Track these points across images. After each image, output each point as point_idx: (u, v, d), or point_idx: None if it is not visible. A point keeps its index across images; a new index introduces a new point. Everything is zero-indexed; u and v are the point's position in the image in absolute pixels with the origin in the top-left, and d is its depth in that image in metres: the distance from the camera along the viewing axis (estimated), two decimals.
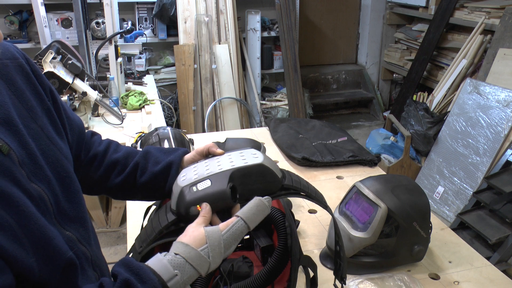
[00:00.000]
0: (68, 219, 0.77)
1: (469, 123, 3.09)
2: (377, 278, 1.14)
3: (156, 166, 0.95)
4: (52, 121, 0.81)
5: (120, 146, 1.02)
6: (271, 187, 0.81)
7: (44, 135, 0.77)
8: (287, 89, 4.22)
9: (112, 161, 0.98)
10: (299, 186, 0.85)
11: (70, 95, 2.41)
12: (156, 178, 0.94)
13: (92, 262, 0.81)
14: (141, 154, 0.98)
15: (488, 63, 3.21)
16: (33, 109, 0.77)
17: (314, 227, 1.40)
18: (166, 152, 0.98)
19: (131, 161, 0.97)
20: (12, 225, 0.63)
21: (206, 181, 0.76)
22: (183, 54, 3.87)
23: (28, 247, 0.65)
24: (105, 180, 0.98)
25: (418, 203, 1.19)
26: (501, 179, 2.59)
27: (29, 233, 0.65)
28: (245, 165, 0.79)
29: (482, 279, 1.18)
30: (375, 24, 4.98)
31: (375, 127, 4.61)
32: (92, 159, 0.98)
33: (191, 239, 0.73)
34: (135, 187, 0.97)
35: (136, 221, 1.42)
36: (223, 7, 3.96)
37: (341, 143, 1.94)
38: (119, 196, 1.03)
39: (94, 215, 2.85)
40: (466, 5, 3.68)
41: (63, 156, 0.80)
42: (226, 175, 0.77)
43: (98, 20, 3.70)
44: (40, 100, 0.80)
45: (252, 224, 0.76)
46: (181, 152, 0.97)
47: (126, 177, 0.96)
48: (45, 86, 0.82)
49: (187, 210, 0.76)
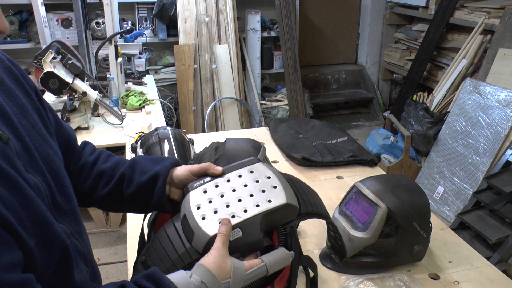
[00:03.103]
0: (62, 212, 0.77)
1: (469, 123, 3.09)
2: (377, 278, 1.14)
3: (142, 176, 0.91)
4: (42, 119, 0.82)
5: (111, 157, 0.99)
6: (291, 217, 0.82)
7: (35, 132, 0.78)
8: (287, 89, 4.22)
9: (99, 172, 0.95)
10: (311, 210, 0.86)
11: (70, 95, 2.41)
12: (142, 189, 0.91)
13: (84, 257, 0.81)
14: (128, 165, 0.95)
15: (488, 63, 3.21)
16: (24, 107, 0.78)
17: (314, 227, 1.41)
18: (153, 161, 0.94)
19: (118, 172, 0.94)
20: (17, 207, 0.64)
21: (236, 230, 0.76)
22: (183, 54, 3.87)
23: (30, 230, 0.65)
24: (93, 192, 0.95)
25: (418, 203, 1.19)
26: (501, 179, 2.59)
27: (31, 216, 0.66)
28: (272, 208, 0.79)
29: (482, 279, 1.18)
30: (375, 24, 4.98)
31: (375, 127, 4.61)
32: (81, 170, 0.96)
33: (218, 269, 0.73)
34: (122, 199, 0.94)
35: (136, 221, 1.42)
36: (223, 7, 3.96)
37: (341, 143, 1.94)
38: (110, 208, 1.00)
39: (94, 215, 2.85)
40: (466, 5, 3.68)
41: (53, 152, 0.81)
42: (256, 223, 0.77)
43: (98, 20, 3.70)
44: (30, 98, 0.81)
45: (271, 271, 0.78)
46: (168, 164, 0.92)
47: (112, 188, 0.93)
48: (32, 88, 0.84)
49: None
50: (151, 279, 0.71)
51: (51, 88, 2.25)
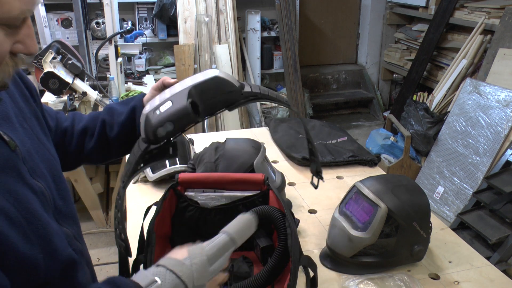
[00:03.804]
0: (64, 215, 0.78)
1: (469, 123, 3.09)
2: (377, 278, 1.14)
3: (121, 116, 1.00)
4: (39, 122, 0.83)
5: (83, 115, 1.07)
6: (232, 97, 0.83)
7: (34, 135, 0.78)
8: (287, 89, 4.22)
9: (81, 129, 1.02)
10: (258, 91, 0.86)
11: (70, 95, 2.41)
12: (125, 126, 1.00)
13: (85, 258, 0.82)
14: (105, 112, 1.03)
15: (488, 63, 3.21)
16: (23, 110, 0.79)
17: (314, 227, 1.40)
18: (126, 103, 1.03)
19: (98, 122, 1.02)
20: (21, 221, 0.64)
21: (167, 103, 0.78)
22: (183, 54, 3.87)
23: (36, 243, 0.65)
24: (81, 149, 1.02)
25: (418, 203, 1.19)
26: (501, 179, 2.59)
27: (35, 229, 0.66)
28: (202, 80, 0.80)
29: (482, 279, 1.18)
30: (375, 24, 4.98)
31: (375, 127, 4.61)
32: (63, 135, 1.02)
33: (173, 254, 0.75)
34: (109, 143, 1.02)
35: (136, 221, 1.42)
36: (223, 7, 3.96)
37: (341, 143, 1.94)
38: (98, 158, 1.07)
39: (94, 215, 2.85)
40: (466, 5, 3.68)
41: (52, 156, 0.81)
42: (184, 93, 0.79)
43: (98, 20, 3.70)
44: (27, 102, 0.82)
45: (238, 238, 0.78)
46: (140, 96, 1.04)
47: (98, 138, 1.01)
48: (31, 89, 0.85)
49: (155, 133, 0.77)
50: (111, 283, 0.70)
51: (51, 88, 2.26)
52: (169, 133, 0.77)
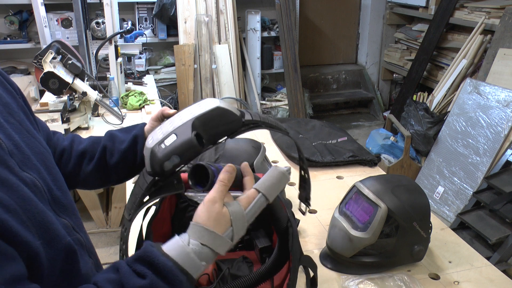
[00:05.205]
0: (62, 206, 0.78)
1: (469, 123, 3.09)
2: (377, 278, 1.14)
3: (122, 144, 0.99)
4: (27, 117, 0.83)
5: (83, 138, 1.06)
6: (233, 127, 0.84)
7: (23, 129, 0.78)
8: (287, 89, 4.22)
9: (80, 152, 1.01)
10: (258, 119, 0.87)
11: (70, 95, 2.40)
12: (125, 155, 0.98)
13: (87, 249, 0.82)
14: (106, 138, 1.02)
15: (488, 63, 3.21)
16: (9, 105, 0.78)
17: (314, 227, 1.40)
18: (127, 131, 1.02)
19: (98, 147, 1.00)
20: (17, 209, 0.63)
21: (172, 136, 0.78)
22: (183, 54, 3.87)
23: (33, 230, 0.65)
24: (77, 171, 1.00)
25: (418, 203, 1.19)
26: (501, 179, 2.59)
27: (32, 217, 0.66)
28: (204, 111, 0.81)
29: (482, 279, 1.18)
30: (375, 24, 4.98)
31: (375, 127, 4.61)
32: (60, 155, 1.00)
33: (215, 223, 0.70)
34: (108, 169, 1.00)
35: (136, 221, 1.42)
36: (223, 7, 3.96)
37: (341, 143, 1.94)
38: (94, 184, 1.05)
39: (94, 215, 2.85)
40: (466, 5, 3.68)
41: (44, 148, 0.81)
42: (188, 125, 0.79)
43: (98, 20, 3.70)
44: (13, 97, 0.82)
45: (271, 197, 0.75)
46: (141, 125, 1.02)
47: (97, 163, 1.00)
48: (14, 87, 0.84)
49: (162, 167, 0.78)
50: (143, 261, 0.65)
51: (51, 88, 2.26)
52: (175, 166, 0.77)
